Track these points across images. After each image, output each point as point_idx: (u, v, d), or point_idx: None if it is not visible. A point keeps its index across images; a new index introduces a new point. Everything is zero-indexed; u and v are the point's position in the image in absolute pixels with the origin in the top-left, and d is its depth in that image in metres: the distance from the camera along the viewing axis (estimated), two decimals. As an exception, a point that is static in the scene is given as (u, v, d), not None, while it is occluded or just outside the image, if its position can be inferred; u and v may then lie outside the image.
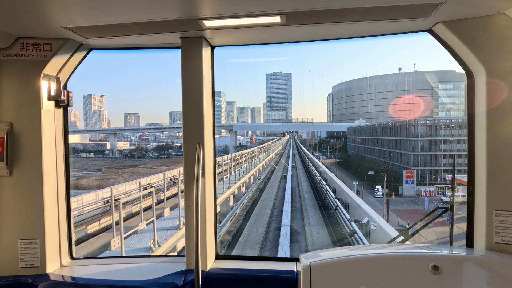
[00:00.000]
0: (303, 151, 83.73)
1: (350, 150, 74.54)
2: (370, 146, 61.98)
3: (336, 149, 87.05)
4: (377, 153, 58.59)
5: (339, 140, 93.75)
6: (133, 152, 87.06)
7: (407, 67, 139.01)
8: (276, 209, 26.72)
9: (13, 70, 2.20)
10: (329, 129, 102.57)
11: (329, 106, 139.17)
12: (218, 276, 2.25)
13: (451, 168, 42.76)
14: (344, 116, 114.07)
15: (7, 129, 2.18)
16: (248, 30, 2.13)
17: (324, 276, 1.81)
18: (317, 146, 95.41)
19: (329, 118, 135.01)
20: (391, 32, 2.24)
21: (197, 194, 2.08)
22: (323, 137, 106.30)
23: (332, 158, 77.89)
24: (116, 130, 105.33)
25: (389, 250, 1.99)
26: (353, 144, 72.78)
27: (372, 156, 59.88)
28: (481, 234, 2.00)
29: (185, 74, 2.26)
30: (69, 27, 2.02)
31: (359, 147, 67.83)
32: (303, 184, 39.78)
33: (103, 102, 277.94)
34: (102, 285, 2.12)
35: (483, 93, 1.97)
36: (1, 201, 2.21)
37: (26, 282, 2.17)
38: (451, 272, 1.73)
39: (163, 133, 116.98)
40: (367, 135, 64.25)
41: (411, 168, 45.03)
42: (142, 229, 10.10)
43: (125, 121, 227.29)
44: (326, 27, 2.11)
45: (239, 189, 25.38)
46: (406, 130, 49.81)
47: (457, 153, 42.19)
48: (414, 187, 41.03)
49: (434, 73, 79.42)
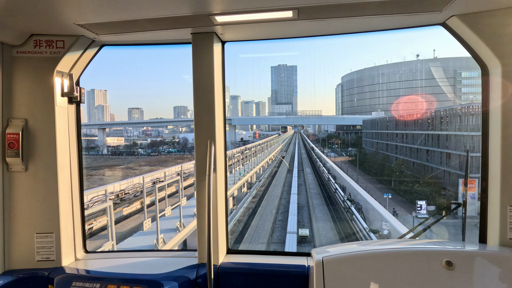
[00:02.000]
0: (313, 151, 67.80)
1: (366, 146, 61.51)
2: (394, 142, 47.23)
3: (346, 145, 75.64)
4: (406, 151, 42.83)
5: (350, 135, 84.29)
6: (123, 149, 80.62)
7: (424, 55, 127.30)
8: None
9: (27, 67, 2.22)
10: (340, 122, 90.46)
11: (337, 98, 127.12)
12: (229, 270, 2.28)
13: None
14: (355, 108, 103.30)
15: (22, 125, 2.21)
16: (259, 25, 2.12)
17: (337, 271, 1.80)
18: (326, 142, 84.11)
19: (338, 111, 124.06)
20: (404, 26, 2.20)
21: (209, 189, 2.10)
22: (331, 132, 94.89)
23: (344, 155, 65.87)
24: (105, 125, 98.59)
25: (401, 245, 1.99)
26: (370, 140, 59.38)
27: (396, 155, 45.45)
28: (494, 230, 2.00)
29: (196, 69, 2.27)
30: (82, 24, 2.03)
31: (379, 144, 54.29)
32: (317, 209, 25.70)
33: (106, 97, 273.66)
34: (116, 278, 2.12)
35: (498, 88, 1.95)
36: (17, 196, 2.25)
37: (42, 275, 2.21)
38: (464, 267, 1.72)
39: (167, 128, 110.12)
40: (390, 129, 50.46)
41: (469, 175, 34.08)
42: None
43: (129, 116, 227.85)
44: (338, 22, 2.09)
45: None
46: (451, 121, 33.56)
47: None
48: (476, 204, 30.88)
49: (455, 60, 69.42)
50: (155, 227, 9.02)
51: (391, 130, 49.23)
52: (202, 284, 2.18)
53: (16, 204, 2.24)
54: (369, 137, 60.39)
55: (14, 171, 2.24)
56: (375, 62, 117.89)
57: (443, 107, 39.03)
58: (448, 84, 70.54)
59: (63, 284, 2.12)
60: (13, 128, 2.20)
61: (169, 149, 76.39)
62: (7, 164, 2.22)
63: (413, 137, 41.23)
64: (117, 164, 55.98)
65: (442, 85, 71.48)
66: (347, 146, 75.48)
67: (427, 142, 37.74)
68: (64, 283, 2.12)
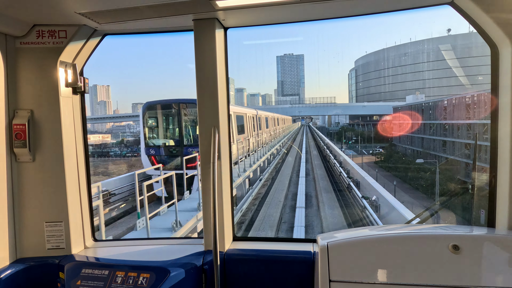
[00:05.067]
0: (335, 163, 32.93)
1: (400, 143, 44.75)
2: (458, 139, 28.77)
3: (364, 139, 59.44)
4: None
5: (366, 127, 68.64)
6: (97, 149, 68.46)
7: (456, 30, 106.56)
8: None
9: (30, 58, 2.22)
10: (360, 111, 73.11)
11: (351, 84, 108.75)
12: (235, 256, 2.30)
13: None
14: (373, 96, 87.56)
15: (28, 116, 2.23)
16: (261, 9, 2.09)
17: (342, 255, 1.80)
18: (341, 136, 64.96)
19: (351, 99, 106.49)
20: (412, 6, 2.13)
21: (214, 176, 2.11)
22: (343, 124, 77.87)
23: (365, 153, 48.76)
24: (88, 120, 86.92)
25: (407, 230, 1.97)
26: (407, 135, 41.88)
27: (462, 159, 26.62)
28: (503, 214, 1.96)
29: (198, 56, 2.25)
30: (83, 13, 2.02)
31: (424, 140, 36.49)
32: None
33: (109, 92, 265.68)
34: (124, 265, 2.15)
35: (508, 67, 1.90)
36: (26, 186, 2.28)
37: (53, 262, 2.26)
38: (471, 251, 1.70)
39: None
40: (438, 119, 33.48)
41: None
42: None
43: (133, 111, 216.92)
44: (342, 4, 2.04)
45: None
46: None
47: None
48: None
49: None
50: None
51: (438, 119, 33.30)
52: (208, 270, 2.20)
53: (25, 194, 2.27)
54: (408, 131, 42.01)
55: (22, 161, 2.26)
56: (396, 41, 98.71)
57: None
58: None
59: (73, 271, 2.16)
60: (19, 119, 2.22)
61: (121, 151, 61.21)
62: (15, 155, 2.24)
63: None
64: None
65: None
66: (366, 141, 59.42)
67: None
68: (74, 271, 2.16)
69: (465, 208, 14.74)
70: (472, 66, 63.81)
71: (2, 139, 2.17)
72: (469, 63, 64.10)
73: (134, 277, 2.06)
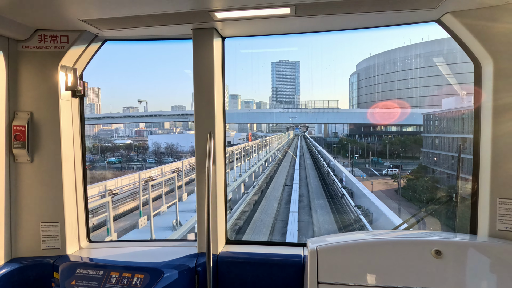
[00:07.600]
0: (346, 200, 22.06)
1: (433, 164, 29.71)
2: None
3: (367, 153, 47.41)
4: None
5: (370, 139, 55.16)
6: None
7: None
8: None
9: (32, 61, 2.27)
10: (372, 120, 59.26)
11: (351, 91, 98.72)
12: (228, 259, 2.34)
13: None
14: (377, 103, 78.38)
15: (27, 118, 2.26)
16: (258, 21, 2.16)
17: (330, 259, 1.86)
18: (341, 149, 54.89)
19: (351, 106, 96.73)
20: (400, 22, 2.24)
21: (208, 181, 2.16)
22: (342, 134, 67.60)
23: (376, 172, 36.02)
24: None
25: (393, 235, 2.05)
26: (445, 154, 27.74)
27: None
28: (484, 221, 2.03)
29: (196, 64, 2.32)
30: (85, 19, 2.07)
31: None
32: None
33: (99, 95, 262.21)
34: (118, 265, 2.18)
35: (490, 84, 1.98)
36: (24, 187, 2.31)
37: (48, 262, 2.28)
38: (453, 257, 1.77)
39: (163, 127, 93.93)
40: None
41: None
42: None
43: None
44: (334, 18, 2.13)
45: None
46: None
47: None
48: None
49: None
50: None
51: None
52: (201, 272, 2.24)
53: (22, 194, 2.30)
54: (444, 148, 28.06)
55: (20, 162, 2.29)
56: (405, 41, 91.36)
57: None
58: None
59: (67, 271, 2.19)
60: (19, 121, 2.25)
61: (110, 159, 53.59)
62: (13, 156, 2.27)
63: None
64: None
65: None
66: (368, 155, 46.54)
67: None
68: (68, 271, 2.19)
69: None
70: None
71: (1, 140, 2.20)
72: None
73: (128, 278, 2.09)
